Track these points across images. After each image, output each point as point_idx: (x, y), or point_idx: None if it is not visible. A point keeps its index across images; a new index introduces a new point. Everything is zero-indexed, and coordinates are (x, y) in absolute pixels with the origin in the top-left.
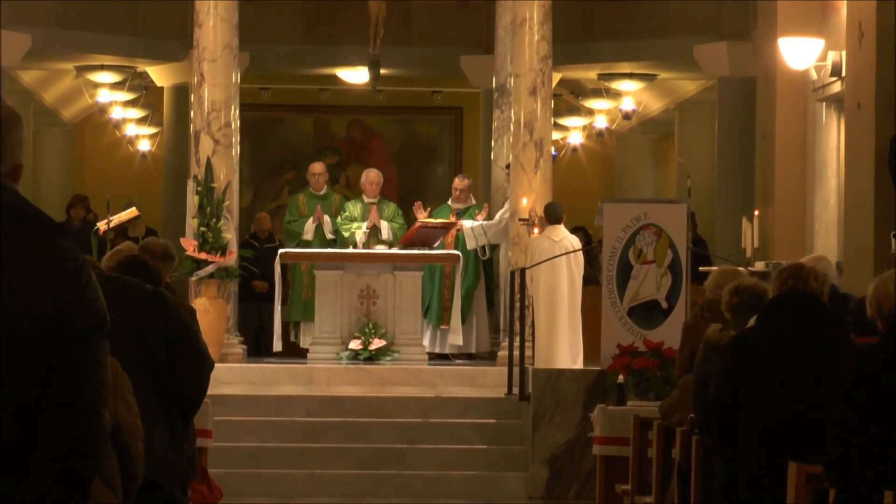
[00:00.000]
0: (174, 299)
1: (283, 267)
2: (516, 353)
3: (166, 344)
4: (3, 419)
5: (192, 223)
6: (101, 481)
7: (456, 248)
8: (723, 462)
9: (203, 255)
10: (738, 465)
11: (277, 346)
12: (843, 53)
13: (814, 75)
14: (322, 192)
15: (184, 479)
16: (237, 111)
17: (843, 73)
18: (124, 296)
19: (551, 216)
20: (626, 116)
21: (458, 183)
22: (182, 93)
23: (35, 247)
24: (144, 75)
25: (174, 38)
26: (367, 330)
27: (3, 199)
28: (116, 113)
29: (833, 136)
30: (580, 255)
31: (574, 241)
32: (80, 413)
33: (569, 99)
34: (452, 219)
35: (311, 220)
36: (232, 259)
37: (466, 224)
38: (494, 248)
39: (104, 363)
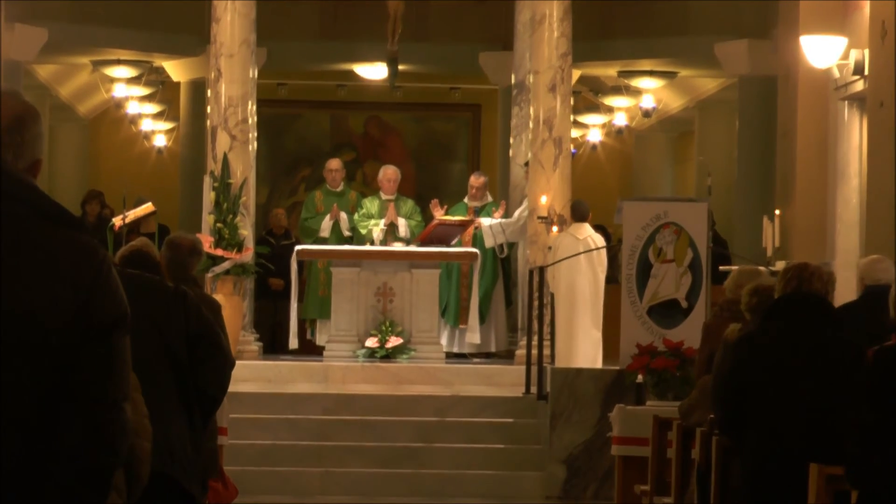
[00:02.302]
0: (196, 296)
1: (300, 264)
2: (534, 351)
3: (187, 341)
4: (25, 414)
5: (208, 219)
6: None
7: (474, 246)
8: (742, 462)
9: (219, 252)
10: (757, 466)
11: (293, 343)
12: (866, 52)
13: (836, 74)
14: (339, 189)
15: (204, 475)
16: (254, 107)
17: (866, 72)
18: (145, 293)
19: (576, 214)
20: (646, 114)
21: (474, 180)
22: (199, 88)
23: (55, 242)
24: (161, 70)
25: (191, 33)
26: (383, 328)
27: (23, 194)
28: (132, 108)
29: (855, 135)
30: (603, 253)
31: (598, 240)
32: (102, 408)
33: (588, 96)
34: (470, 216)
35: (327, 217)
36: (248, 256)
37: (485, 222)
38: (512, 246)
39: (126, 358)
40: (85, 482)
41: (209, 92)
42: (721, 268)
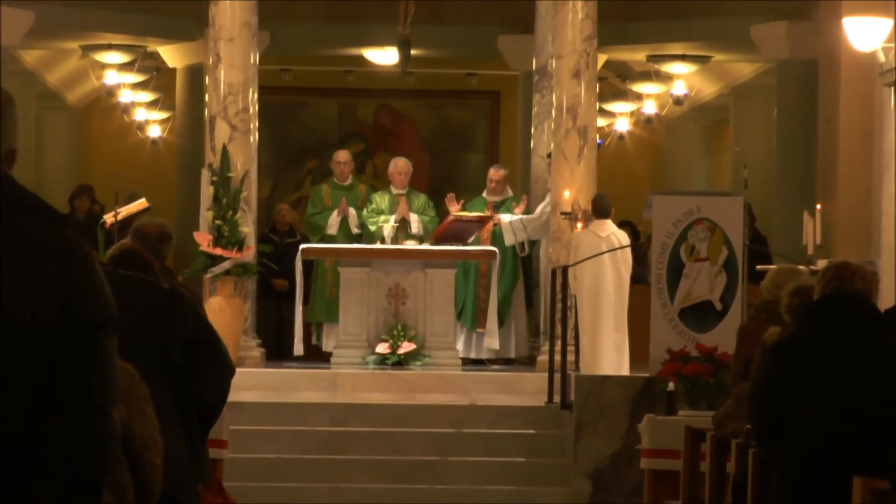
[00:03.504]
0: (193, 297)
1: (305, 263)
2: (557, 357)
3: (184, 346)
4: (7, 421)
5: (206, 216)
6: (111, 494)
7: (492, 243)
8: (780, 476)
9: (218, 251)
10: (795, 480)
11: (298, 349)
12: None
13: (881, 58)
14: (347, 183)
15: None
16: (256, 94)
17: None
18: (138, 295)
19: (598, 209)
20: (677, 101)
21: (494, 174)
22: (196, 74)
23: (35, 237)
24: (156, 55)
25: (188, 16)
26: (395, 332)
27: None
28: (125, 96)
29: None
30: (628, 252)
31: (622, 237)
32: (88, 414)
33: (615, 82)
34: (488, 212)
35: (335, 212)
36: (249, 255)
37: (504, 218)
38: (534, 244)
39: (112, 360)
40: (73, 492)
41: (207, 79)
42: (758, 267)
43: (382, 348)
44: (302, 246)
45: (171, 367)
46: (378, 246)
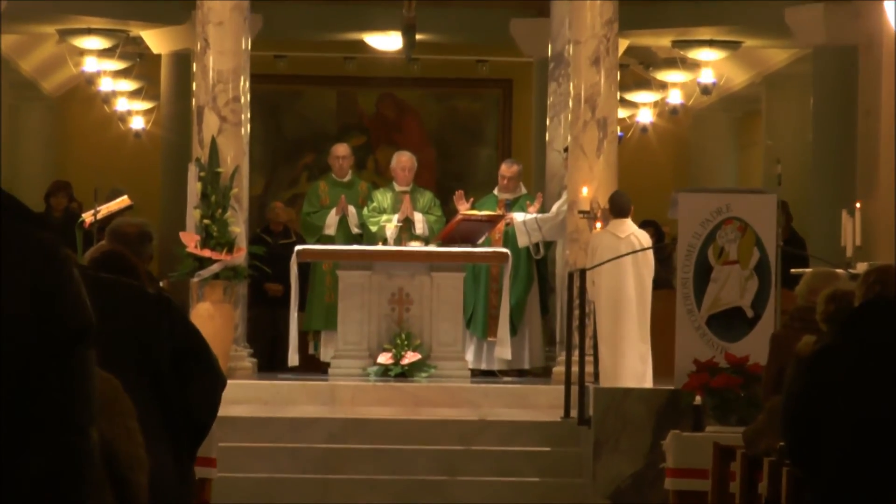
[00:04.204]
0: (180, 304)
1: (301, 266)
2: (575, 368)
3: (172, 357)
4: None
5: (193, 214)
6: None
7: (504, 245)
8: (815, 498)
9: (207, 253)
10: (834, 502)
11: (294, 359)
12: None
13: None
14: (346, 179)
15: None
16: (247, 83)
17: None
18: (122, 301)
19: (616, 208)
20: (705, 91)
21: (506, 169)
22: (183, 61)
23: (7, 238)
24: (139, 41)
25: None
26: (398, 341)
27: None
28: (106, 85)
29: None
30: (650, 254)
31: (643, 238)
32: (65, 435)
33: (637, 70)
34: (500, 211)
35: (333, 211)
36: (241, 257)
37: (517, 217)
38: (549, 245)
39: (91, 375)
40: None
41: (195, 66)
42: (793, 270)
43: (385, 358)
44: (297, 248)
45: (158, 379)
46: (380, 248)
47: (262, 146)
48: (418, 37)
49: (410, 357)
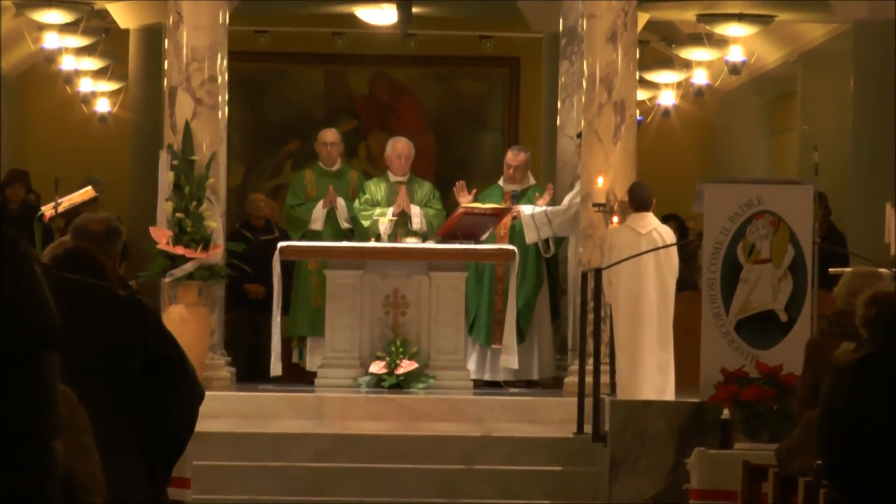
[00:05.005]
0: (153, 307)
1: (285, 265)
2: (589, 379)
3: (145, 365)
4: None
5: (165, 207)
6: None
7: (511, 241)
8: None
9: (180, 250)
10: None
11: (276, 368)
12: None
13: None
14: (335, 168)
15: None
16: (225, 61)
17: None
18: (89, 304)
19: (636, 201)
20: (734, 70)
21: (512, 158)
22: (153, 37)
23: None
24: (104, 14)
25: None
26: (393, 349)
27: None
28: (68, 63)
29: None
30: (673, 252)
31: (666, 234)
32: (27, 448)
33: (659, 47)
34: (506, 204)
35: (320, 204)
36: (217, 255)
37: (525, 210)
38: (561, 242)
39: (54, 382)
40: None
41: (167, 42)
42: (831, 270)
43: (378, 368)
44: (280, 244)
45: (129, 391)
46: (373, 244)
47: (242, 131)
48: (415, 10)
49: (406, 366)
